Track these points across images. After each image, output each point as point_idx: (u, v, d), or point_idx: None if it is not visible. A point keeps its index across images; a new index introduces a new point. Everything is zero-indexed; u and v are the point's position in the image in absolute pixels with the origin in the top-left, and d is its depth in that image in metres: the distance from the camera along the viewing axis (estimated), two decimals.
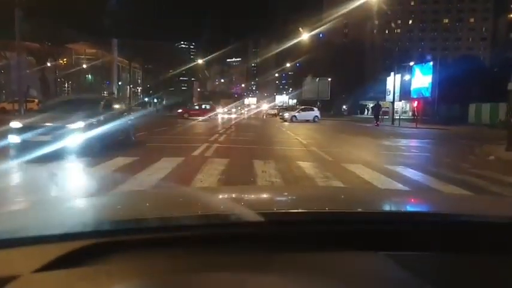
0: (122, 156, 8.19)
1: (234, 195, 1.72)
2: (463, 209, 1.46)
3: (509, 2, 76.19)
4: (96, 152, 8.30)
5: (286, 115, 35.11)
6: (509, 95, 11.67)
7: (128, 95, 61.41)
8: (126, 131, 10.87)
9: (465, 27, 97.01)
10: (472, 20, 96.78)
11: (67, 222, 1.05)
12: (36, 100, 35.71)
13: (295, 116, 33.79)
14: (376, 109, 31.49)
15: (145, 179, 5.98)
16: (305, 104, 64.87)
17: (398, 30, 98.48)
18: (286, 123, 31.43)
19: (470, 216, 1.19)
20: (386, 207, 1.64)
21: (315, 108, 37.86)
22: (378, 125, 29.09)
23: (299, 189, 3.14)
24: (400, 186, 6.13)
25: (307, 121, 32.44)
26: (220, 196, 1.67)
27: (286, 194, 1.90)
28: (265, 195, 1.81)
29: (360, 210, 1.36)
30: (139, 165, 7.17)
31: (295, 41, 57.79)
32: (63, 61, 50.87)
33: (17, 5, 23.87)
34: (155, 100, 65.20)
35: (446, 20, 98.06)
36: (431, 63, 38.49)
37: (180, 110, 39.73)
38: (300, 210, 1.27)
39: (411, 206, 1.70)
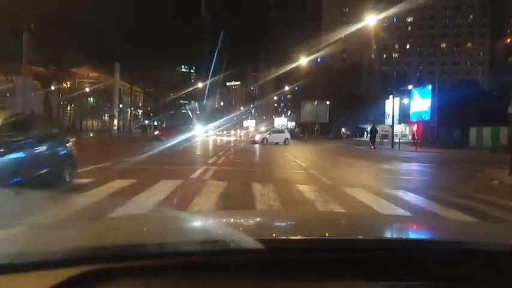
0: None
1: (232, 220, 1.71)
2: (467, 236, 1.44)
3: (505, 28, 77.76)
4: None
5: (257, 137, 34.40)
6: (510, 118, 11.67)
7: (129, 118, 61.90)
8: (50, 167, 6.88)
9: (463, 52, 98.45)
10: (469, 44, 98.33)
11: (65, 247, 1.04)
12: None
13: (265, 138, 33.20)
14: (372, 132, 31.60)
15: (144, 201, 5.92)
16: (304, 127, 65.48)
17: (396, 55, 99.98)
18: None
19: (473, 244, 1.17)
20: (388, 234, 1.61)
21: (286, 131, 38.27)
22: (374, 147, 29.14)
23: (299, 214, 3.12)
24: (401, 211, 6.04)
25: (277, 144, 31.52)
26: (219, 221, 1.65)
27: (285, 219, 1.89)
28: (264, 221, 1.79)
29: (360, 237, 1.35)
30: (139, 187, 7.10)
31: (293, 65, 58.72)
32: (66, 85, 51.52)
33: (25, 31, 24.46)
34: (155, 123, 65.67)
35: (443, 45, 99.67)
36: (429, 87, 38.88)
37: (156, 132, 37.83)
38: (299, 237, 1.26)
39: (413, 233, 1.67)
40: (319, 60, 67.26)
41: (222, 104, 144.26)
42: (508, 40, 75.71)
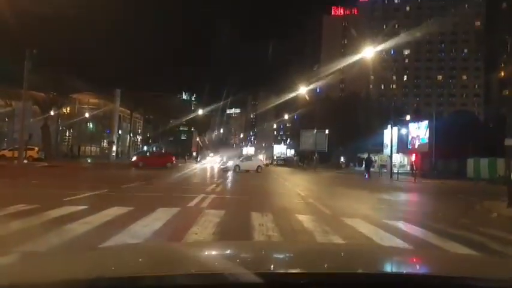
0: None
1: (230, 252, 1.68)
2: (467, 271, 1.43)
3: (498, 61, 79.30)
4: None
5: (230, 164, 32.30)
6: (507, 150, 11.72)
7: (128, 144, 61.90)
8: None
9: (458, 84, 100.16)
10: (464, 77, 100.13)
11: (59, 279, 1.02)
12: (37, 148, 36.00)
13: (238, 165, 31.44)
14: (367, 162, 31.87)
15: (140, 230, 5.85)
16: (303, 155, 65.43)
17: (394, 86, 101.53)
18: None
19: (474, 280, 1.16)
20: (388, 268, 1.60)
21: (258, 158, 37.39)
22: (369, 176, 29.17)
23: (297, 245, 3.07)
24: (400, 242, 5.97)
25: (248, 171, 29.90)
26: (217, 253, 1.63)
27: (284, 251, 1.87)
28: (263, 253, 1.77)
29: (360, 271, 1.33)
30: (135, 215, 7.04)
31: (293, 94, 59.38)
32: (66, 110, 51.79)
33: (27, 57, 24.83)
34: (154, 149, 65.63)
35: (440, 77, 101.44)
36: (427, 122, 39.05)
37: (134, 158, 34.55)
38: (298, 271, 1.26)
39: (413, 267, 1.65)
40: (318, 90, 68.13)
41: (222, 131, 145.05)
42: (502, 74, 76.99)
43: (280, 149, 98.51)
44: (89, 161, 42.26)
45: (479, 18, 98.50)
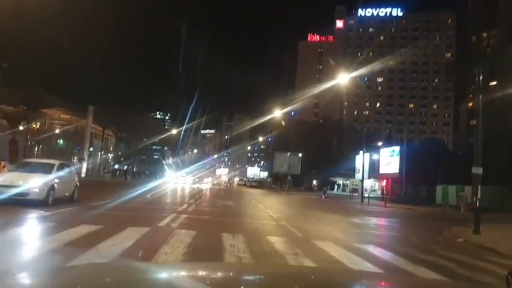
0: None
1: (200, 274, 1.66)
2: None
3: (467, 92, 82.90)
4: None
5: (36, 185, 11.04)
6: (474, 178, 12.10)
7: (99, 162, 60.35)
8: None
9: (429, 113, 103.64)
10: (435, 106, 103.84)
11: None
12: (3, 163, 34.60)
13: (53, 186, 11.78)
14: (324, 184, 38.98)
15: (109, 249, 5.68)
16: (276, 177, 65.42)
17: (367, 112, 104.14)
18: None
19: None
20: None
21: (73, 168, 15.84)
22: (325, 197, 34.59)
23: (268, 268, 3.05)
24: (370, 266, 6.03)
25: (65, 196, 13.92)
26: (186, 275, 1.60)
27: (254, 273, 1.86)
28: (233, 275, 1.75)
29: None
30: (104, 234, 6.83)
31: (268, 117, 59.90)
32: (36, 125, 50.27)
33: None
34: (125, 167, 64.22)
35: (411, 105, 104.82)
36: (398, 148, 40.07)
37: None
38: None
39: None
40: (292, 113, 69.03)
41: (195, 151, 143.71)
42: (470, 104, 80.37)
43: (254, 171, 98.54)
44: None
45: (449, 50, 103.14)
